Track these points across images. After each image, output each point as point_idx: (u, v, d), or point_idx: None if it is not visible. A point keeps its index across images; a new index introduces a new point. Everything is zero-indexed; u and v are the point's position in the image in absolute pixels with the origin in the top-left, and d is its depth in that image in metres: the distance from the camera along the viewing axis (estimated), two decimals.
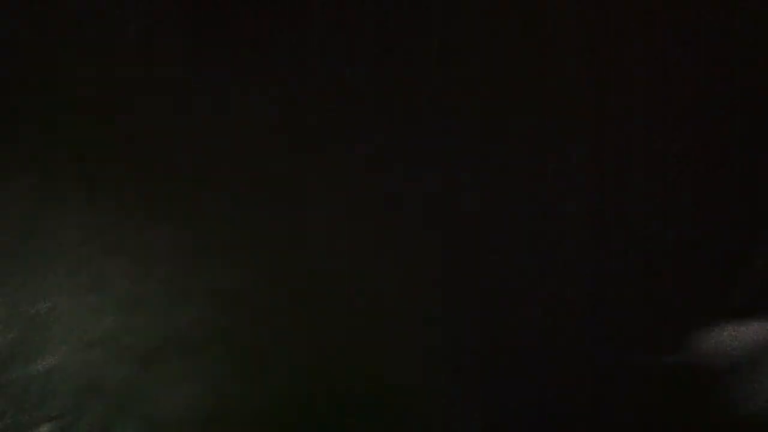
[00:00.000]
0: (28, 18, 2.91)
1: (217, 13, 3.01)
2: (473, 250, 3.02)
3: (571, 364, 2.76)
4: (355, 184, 3.12)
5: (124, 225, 2.83)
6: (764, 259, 2.93)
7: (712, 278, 2.95)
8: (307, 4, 3.13)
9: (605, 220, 3.08)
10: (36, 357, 2.67)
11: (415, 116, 3.29)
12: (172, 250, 2.84)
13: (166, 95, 2.94)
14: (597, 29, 3.43)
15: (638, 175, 3.15)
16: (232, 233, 2.89)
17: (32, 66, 2.86)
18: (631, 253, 2.99)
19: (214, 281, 2.84)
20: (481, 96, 3.32)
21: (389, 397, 2.71)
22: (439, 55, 3.36)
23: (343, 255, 2.95)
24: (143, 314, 2.76)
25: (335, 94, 3.13)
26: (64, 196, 2.81)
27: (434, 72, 3.35)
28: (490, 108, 3.30)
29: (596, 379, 2.74)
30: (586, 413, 2.63)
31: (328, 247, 2.93)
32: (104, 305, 2.74)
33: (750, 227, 3.02)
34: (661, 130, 3.23)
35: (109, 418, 2.71)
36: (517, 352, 2.74)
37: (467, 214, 3.08)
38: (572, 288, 2.93)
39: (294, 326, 2.83)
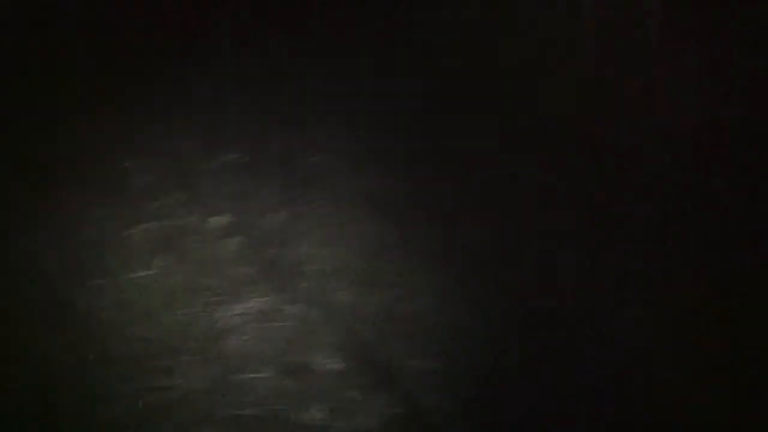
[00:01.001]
0: None
1: None
2: (473, 250, 3.02)
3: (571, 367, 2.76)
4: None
5: None
6: None
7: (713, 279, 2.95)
8: None
9: (605, 221, 3.09)
10: None
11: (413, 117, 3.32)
12: None
13: None
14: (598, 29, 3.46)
15: (638, 176, 3.17)
16: None
17: None
18: (630, 253, 3.00)
19: None
20: (481, 95, 3.33)
21: None
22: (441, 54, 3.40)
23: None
24: None
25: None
26: None
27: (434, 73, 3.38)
28: (490, 107, 3.32)
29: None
30: (587, 414, 2.62)
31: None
32: None
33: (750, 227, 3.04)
34: (661, 131, 3.25)
35: None
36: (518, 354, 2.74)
37: (466, 213, 3.09)
38: (572, 289, 2.94)
39: None
